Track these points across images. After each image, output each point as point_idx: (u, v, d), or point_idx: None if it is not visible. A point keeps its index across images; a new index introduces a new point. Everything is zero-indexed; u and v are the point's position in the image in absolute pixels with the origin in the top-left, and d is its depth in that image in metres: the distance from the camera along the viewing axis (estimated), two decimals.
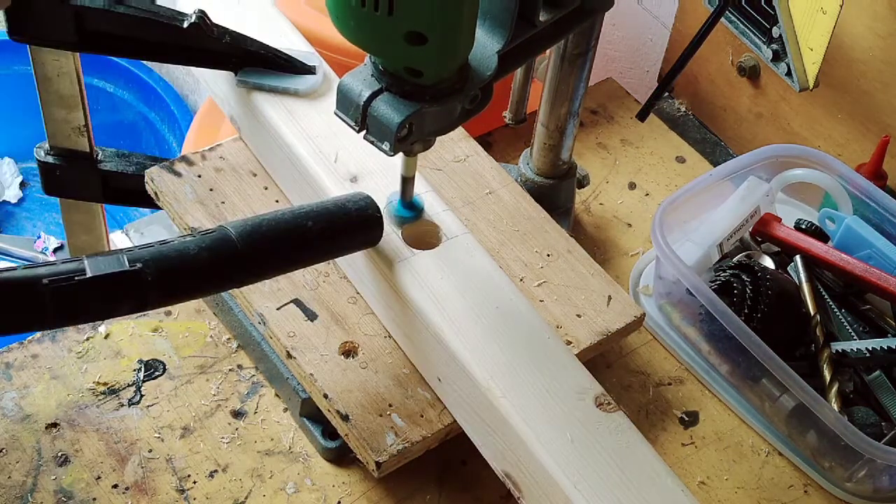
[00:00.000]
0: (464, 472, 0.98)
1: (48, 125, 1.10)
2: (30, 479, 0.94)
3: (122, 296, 0.77)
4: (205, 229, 0.82)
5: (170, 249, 0.79)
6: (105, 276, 0.75)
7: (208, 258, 0.80)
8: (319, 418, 0.96)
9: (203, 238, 0.80)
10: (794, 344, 1.05)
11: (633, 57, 1.56)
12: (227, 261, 0.81)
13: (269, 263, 0.85)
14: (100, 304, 0.76)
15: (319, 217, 0.87)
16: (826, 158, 1.15)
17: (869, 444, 0.94)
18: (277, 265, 0.86)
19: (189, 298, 0.84)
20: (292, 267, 0.90)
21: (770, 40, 1.15)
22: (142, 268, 0.77)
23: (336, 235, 0.88)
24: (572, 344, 0.98)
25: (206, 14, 0.97)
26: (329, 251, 0.91)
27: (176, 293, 0.80)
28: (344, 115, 0.81)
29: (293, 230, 0.85)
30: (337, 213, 0.88)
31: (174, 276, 0.78)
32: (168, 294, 0.79)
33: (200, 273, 0.80)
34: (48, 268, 0.74)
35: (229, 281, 0.84)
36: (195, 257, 0.79)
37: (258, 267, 0.84)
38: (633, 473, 0.82)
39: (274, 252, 0.84)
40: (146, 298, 0.78)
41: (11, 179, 2.28)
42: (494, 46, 0.82)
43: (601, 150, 1.29)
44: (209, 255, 0.80)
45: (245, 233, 0.82)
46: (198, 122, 1.79)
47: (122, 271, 0.76)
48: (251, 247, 0.82)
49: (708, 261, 1.10)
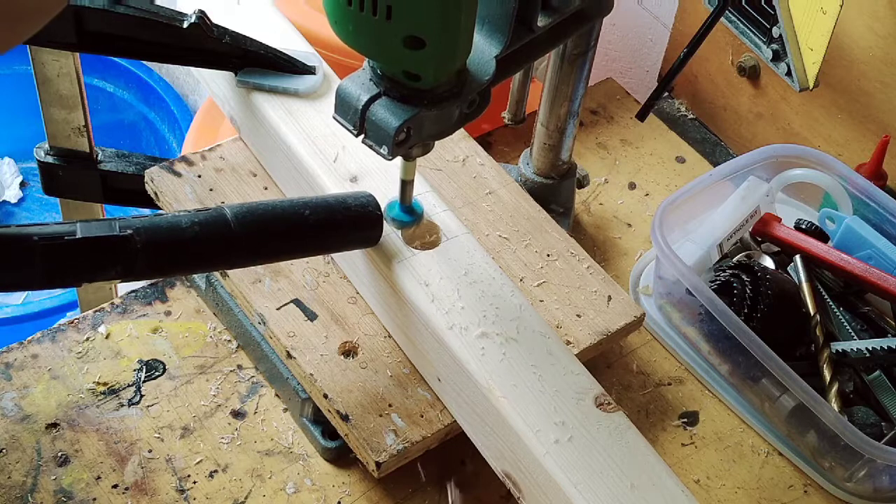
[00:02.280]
0: (464, 472, 0.98)
1: (48, 125, 1.11)
2: (30, 479, 0.94)
3: (110, 260, 0.78)
4: (204, 207, 0.83)
5: (162, 220, 0.80)
6: (95, 238, 0.76)
7: (200, 233, 0.80)
8: (319, 418, 0.96)
9: (197, 213, 0.81)
10: (793, 344, 1.05)
11: (633, 57, 1.56)
12: (218, 238, 0.82)
13: (261, 246, 0.85)
14: (88, 265, 0.77)
15: (318, 208, 0.87)
16: (826, 158, 1.15)
17: (869, 444, 0.94)
18: (270, 250, 0.87)
19: (178, 273, 0.84)
20: (285, 255, 0.91)
21: (770, 40, 1.15)
22: (132, 234, 0.78)
23: (333, 228, 0.88)
24: (572, 344, 0.98)
25: (206, 14, 0.97)
26: (324, 244, 0.91)
27: (163, 264, 0.81)
28: (342, 120, 0.81)
29: (290, 217, 0.86)
30: (336, 207, 0.89)
31: (163, 246, 0.79)
32: (155, 264, 0.80)
33: (190, 246, 0.81)
34: (40, 227, 0.75)
35: (219, 259, 0.84)
36: (186, 230, 0.80)
37: (249, 248, 0.84)
38: (633, 473, 0.82)
39: (267, 235, 0.85)
40: (133, 266, 0.79)
41: (11, 179, 2.28)
42: (492, 51, 0.82)
43: (601, 150, 1.29)
44: (201, 230, 0.80)
45: (241, 213, 0.82)
46: (198, 122, 1.79)
47: (112, 236, 0.77)
48: (245, 227, 0.82)
49: (708, 261, 1.10)
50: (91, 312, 1.05)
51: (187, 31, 0.96)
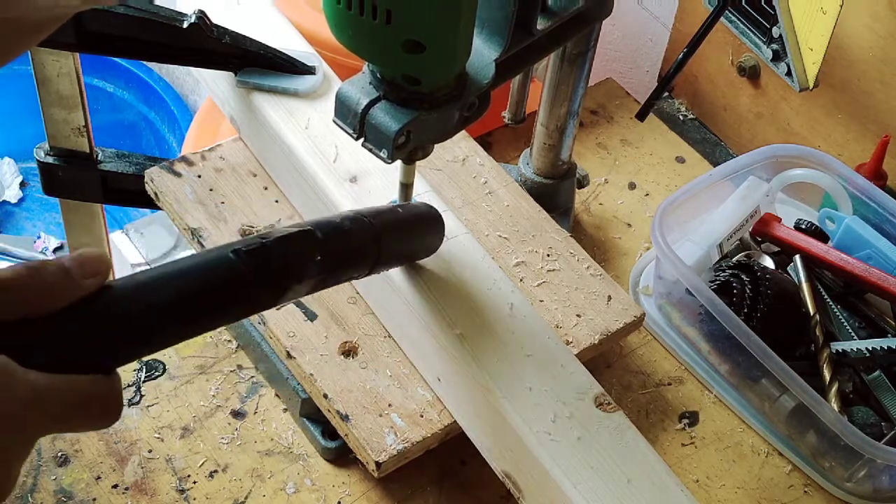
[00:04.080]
0: (464, 472, 0.98)
1: (48, 125, 1.10)
2: (30, 479, 0.94)
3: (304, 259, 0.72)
4: None
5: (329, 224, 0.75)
6: None
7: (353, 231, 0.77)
8: (319, 418, 0.96)
9: (347, 218, 0.77)
10: (793, 343, 1.05)
11: (633, 57, 1.56)
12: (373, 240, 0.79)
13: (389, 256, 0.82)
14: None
15: (409, 215, 0.86)
16: (826, 158, 1.15)
17: (869, 444, 0.94)
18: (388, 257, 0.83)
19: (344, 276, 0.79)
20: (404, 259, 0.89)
21: (770, 40, 1.15)
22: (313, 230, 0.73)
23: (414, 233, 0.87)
24: (572, 344, 0.98)
25: (206, 14, 0.97)
26: (420, 251, 0.89)
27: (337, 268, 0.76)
28: (342, 123, 0.81)
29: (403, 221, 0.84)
30: (401, 214, 0.86)
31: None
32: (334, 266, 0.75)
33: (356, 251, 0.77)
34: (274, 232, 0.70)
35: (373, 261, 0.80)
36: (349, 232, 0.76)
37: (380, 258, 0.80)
38: (633, 473, 0.82)
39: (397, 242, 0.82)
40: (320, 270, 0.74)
41: (11, 179, 2.28)
42: (492, 55, 0.82)
43: (601, 150, 1.29)
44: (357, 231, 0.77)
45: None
46: (198, 122, 1.79)
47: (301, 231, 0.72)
48: None
49: (708, 261, 1.10)
50: None
51: (187, 31, 0.96)
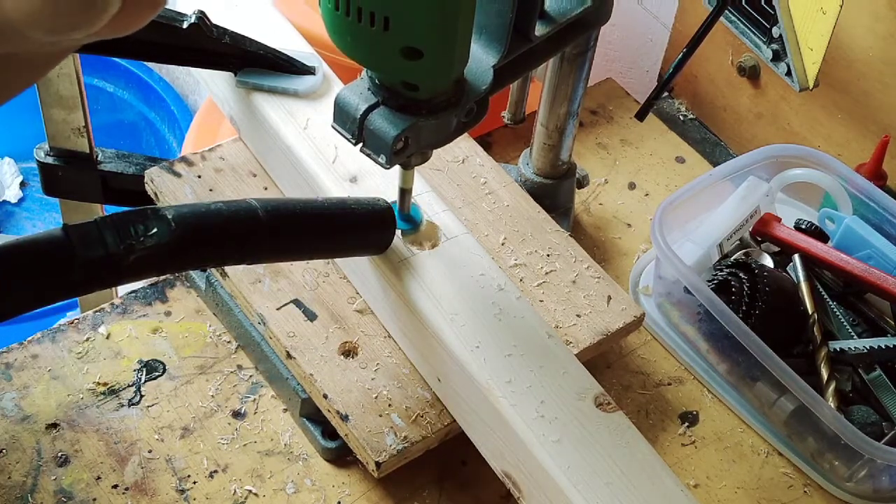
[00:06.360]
0: (464, 472, 0.98)
1: (48, 126, 1.10)
2: (30, 480, 0.94)
3: None
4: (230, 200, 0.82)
5: None
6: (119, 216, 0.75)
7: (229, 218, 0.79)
8: (319, 418, 0.96)
9: (226, 203, 0.80)
10: (791, 342, 1.05)
11: (633, 57, 1.56)
12: (249, 228, 0.80)
13: (290, 240, 0.84)
14: None
15: (333, 204, 0.88)
16: (826, 158, 1.15)
17: (869, 443, 0.94)
18: (298, 244, 0.85)
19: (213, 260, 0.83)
20: (305, 251, 0.90)
21: (770, 40, 1.15)
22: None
23: (351, 226, 0.89)
24: (572, 344, 0.98)
25: (206, 14, 0.97)
26: (344, 245, 0.91)
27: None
28: (341, 129, 0.81)
29: (311, 210, 0.85)
30: (350, 205, 0.89)
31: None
32: None
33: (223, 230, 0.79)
34: None
35: (246, 249, 0.82)
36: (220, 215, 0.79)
37: (276, 240, 0.83)
38: (633, 473, 0.82)
39: (299, 228, 0.84)
40: None
41: (11, 179, 2.28)
42: (490, 61, 0.82)
43: (601, 150, 1.29)
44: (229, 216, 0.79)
45: (268, 206, 0.81)
46: (198, 122, 1.79)
47: None
48: (273, 218, 0.81)
49: (708, 260, 1.10)
50: (91, 313, 1.05)
51: (187, 32, 0.96)
